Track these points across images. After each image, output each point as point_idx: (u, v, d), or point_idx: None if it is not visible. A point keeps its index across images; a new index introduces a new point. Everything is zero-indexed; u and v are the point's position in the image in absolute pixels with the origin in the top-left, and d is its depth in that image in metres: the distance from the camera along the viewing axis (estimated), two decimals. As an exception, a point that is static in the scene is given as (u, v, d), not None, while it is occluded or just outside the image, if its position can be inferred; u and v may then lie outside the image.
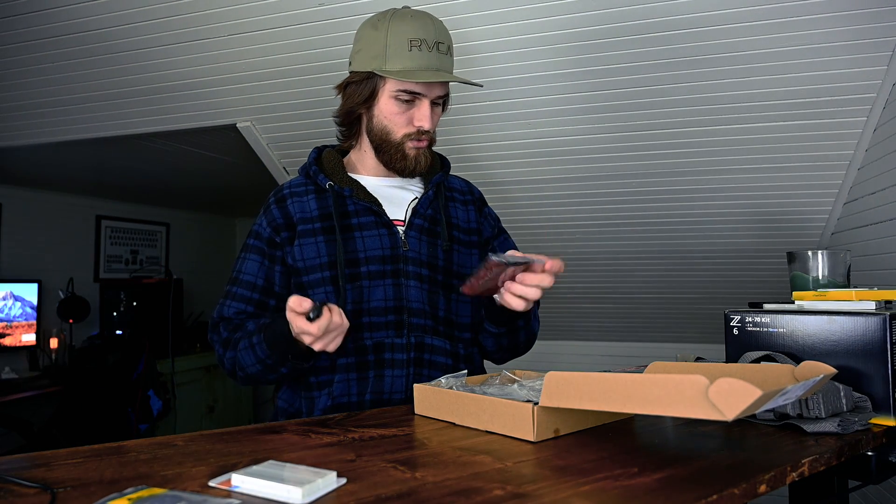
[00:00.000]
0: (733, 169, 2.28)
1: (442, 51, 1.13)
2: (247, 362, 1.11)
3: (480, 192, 1.37)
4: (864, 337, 0.93)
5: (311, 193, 1.20)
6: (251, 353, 1.09)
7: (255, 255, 1.20)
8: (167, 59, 2.21)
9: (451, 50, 1.15)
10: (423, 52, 1.10)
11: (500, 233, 1.35)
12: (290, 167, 2.76)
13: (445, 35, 1.15)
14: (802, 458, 0.74)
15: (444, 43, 1.13)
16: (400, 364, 1.13)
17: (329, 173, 1.21)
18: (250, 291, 1.19)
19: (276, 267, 1.19)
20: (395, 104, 1.14)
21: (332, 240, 1.16)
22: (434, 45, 1.11)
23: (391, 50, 1.11)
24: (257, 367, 1.10)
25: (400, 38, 1.10)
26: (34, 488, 0.63)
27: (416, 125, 1.15)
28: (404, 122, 1.16)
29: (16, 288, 3.55)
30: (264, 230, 1.20)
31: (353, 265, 1.15)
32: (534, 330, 1.26)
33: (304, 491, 0.60)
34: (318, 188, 1.20)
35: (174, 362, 3.83)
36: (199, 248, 5.07)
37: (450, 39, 1.16)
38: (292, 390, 1.20)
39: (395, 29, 1.11)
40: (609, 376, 0.72)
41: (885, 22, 1.68)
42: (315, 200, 1.19)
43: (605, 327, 3.35)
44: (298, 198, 1.20)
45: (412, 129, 1.16)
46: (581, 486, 0.64)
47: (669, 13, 1.78)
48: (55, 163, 3.32)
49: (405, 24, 1.12)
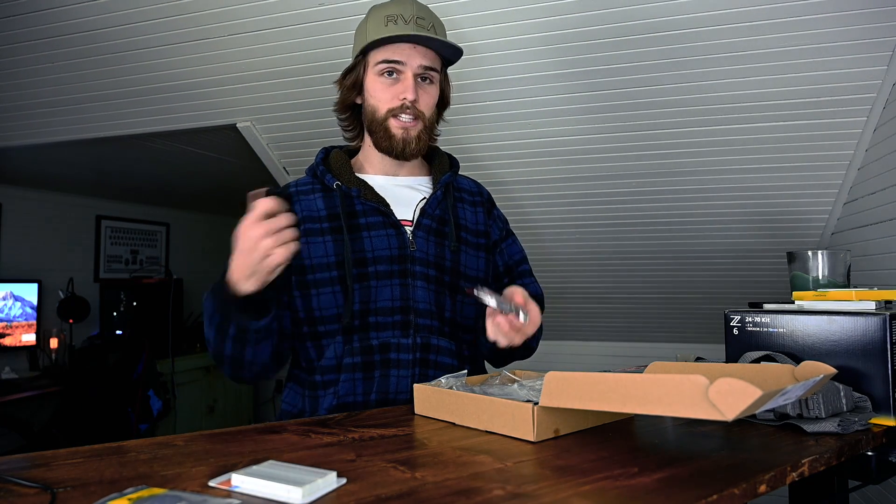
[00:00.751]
0: (733, 169, 2.28)
1: (422, 25, 1.13)
2: (208, 334, 1.06)
3: (490, 194, 1.37)
4: (864, 337, 0.93)
5: (318, 192, 1.20)
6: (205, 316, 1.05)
7: None
8: (167, 59, 2.21)
9: (434, 28, 1.15)
10: (398, 25, 1.12)
11: (508, 235, 1.35)
12: (290, 167, 2.76)
13: (429, 15, 1.15)
14: (802, 458, 0.74)
15: (426, 19, 1.14)
16: (405, 364, 1.13)
17: (336, 173, 1.21)
18: None
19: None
20: (379, 81, 1.16)
21: (340, 239, 1.15)
22: (412, 18, 1.12)
23: (370, 27, 1.14)
24: (211, 332, 1.05)
25: (377, 17, 1.14)
26: (34, 488, 0.63)
27: (399, 99, 1.15)
28: (389, 97, 1.16)
29: (16, 288, 3.55)
30: None
31: (360, 265, 1.14)
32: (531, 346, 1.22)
33: (304, 491, 0.60)
34: (325, 188, 1.20)
35: (174, 362, 3.83)
36: (199, 248, 5.07)
37: (436, 21, 1.16)
38: (295, 391, 1.20)
39: (375, 11, 1.16)
40: (609, 376, 0.72)
41: (885, 22, 1.68)
42: (322, 200, 1.19)
43: (605, 327, 3.35)
44: (305, 196, 1.20)
45: (397, 102, 1.15)
46: (581, 486, 0.64)
47: (669, 13, 1.78)
48: (55, 163, 3.32)
49: (384, 6, 1.16)
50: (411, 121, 1.16)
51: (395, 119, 1.16)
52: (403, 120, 1.16)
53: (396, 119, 1.16)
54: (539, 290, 1.31)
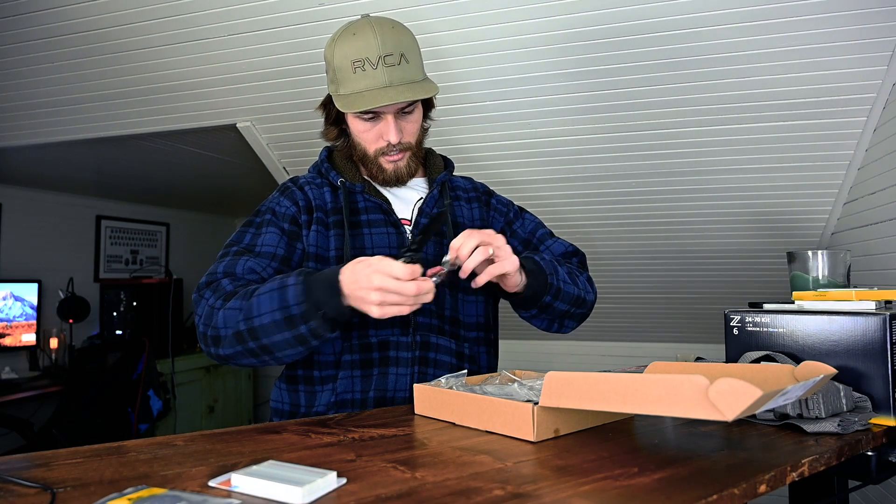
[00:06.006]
0: (733, 169, 2.28)
1: (391, 63, 1.08)
2: (264, 308, 0.98)
3: (485, 185, 1.38)
4: (864, 337, 0.93)
5: (326, 187, 1.22)
6: (277, 296, 0.97)
7: (273, 228, 1.16)
8: (167, 59, 2.21)
9: (405, 56, 1.10)
10: (367, 72, 1.08)
11: (517, 216, 1.35)
12: (290, 167, 2.76)
13: (395, 43, 1.10)
14: (802, 458, 0.74)
15: (394, 52, 1.09)
16: (405, 362, 1.14)
17: (340, 171, 1.23)
18: (269, 259, 1.13)
19: (296, 244, 1.16)
20: (360, 122, 1.15)
21: (342, 234, 1.16)
22: (379, 59, 1.08)
23: (339, 74, 1.11)
24: (275, 314, 0.97)
25: (344, 61, 1.10)
26: (34, 488, 0.63)
27: (384, 140, 1.16)
28: (373, 137, 1.16)
29: (16, 288, 3.55)
30: (287, 208, 1.18)
31: None
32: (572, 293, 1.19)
33: (304, 491, 0.60)
34: (331, 184, 1.22)
35: (174, 362, 3.83)
36: (200, 248, 5.07)
37: (404, 44, 1.11)
38: (285, 389, 1.19)
39: (340, 51, 1.11)
40: (609, 376, 0.72)
41: (885, 22, 1.68)
42: (329, 194, 1.21)
43: (605, 327, 3.35)
44: (316, 188, 1.22)
45: (382, 143, 1.16)
46: (581, 486, 0.64)
47: (669, 13, 1.77)
48: (55, 163, 3.32)
49: (348, 44, 1.10)
50: (399, 154, 1.18)
51: (385, 157, 1.18)
52: (392, 156, 1.18)
53: (385, 157, 1.18)
54: (563, 247, 1.31)
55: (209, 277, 1.10)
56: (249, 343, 1.00)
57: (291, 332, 0.98)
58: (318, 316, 0.96)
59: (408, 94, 1.09)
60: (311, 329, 0.97)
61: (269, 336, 0.98)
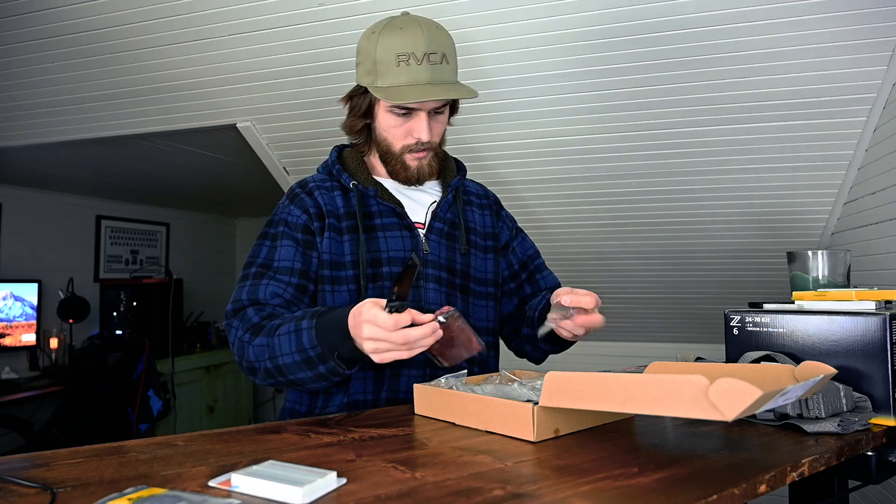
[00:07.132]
0: (733, 169, 2.28)
1: (434, 61, 1.09)
2: (284, 350, 1.01)
3: (496, 196, 1.39)
4: (864, 337, 0.93)
5: (337, 190, 1.21)
6: (294, 338, 1.01)
7: (287, 241, 1.16)
8: (167, 59, 2.21)
9: (446, 57, 1.11)
10: (411, 67, 1.08)
11: (518, 234, 1.38)
12: (290, 167, 2.75)
13: (439, 42, 1.10)
14: (802, 458, 0.74)
15: (438, 52, 1.09)
16: (417, 364, 1.14)
17: (352, 172, 1.22)
18: (288, 276, 1.14)
19: (312, 253, 1.16)
20: (392, 117, 1.14)
21: (356, 239, 1.16)
22: (424, 56, 1.08)
23: (381, 66, 1.10)
24: (295, 356, 1.00)
25: (388, 54, 1.09)
26: (34, 488, 0.63)
27: (414, 137, 1.15)
28: (402, 134, 1.15)
29: (16, 288, 3.55)
30: (297, 217, 1.17)
31: (375, 265, 1.15)
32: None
33: (304, 491, 0.60)
34: (342, 187, 1.21)
35: (174, 362, 3.83)
36: (199, 248, 5.07)
37: (446, 46, 1.11)
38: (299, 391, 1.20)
39: (384, 43, 1.10)
40: (609, 376, 0.72)
41: (885, 22, 1.68)
42: (341, 198, 1.20)
43: (606, 327, 3.34)
44: (326, 192, 1.20)
45: (411, 140, 1.15)
46: (581, 486, 0.64)
47: (669, 13, 1.78)
48: (55, 163, 3.32)
49: (394, 37, 1.09)
50: (424, 152, 1.17)
51: (411, 154, 1.17)
52: (418, 153, 1.17)
53: (412, 154, 1.17)
54: (556, 281, 1.36)
55: (235, 305, 1.12)
56: (279, 378, 1.05)
57: (312, 371, 1.01)
58: (334, 357, 0.99)
59: (451, 93, 1.10)
60: (330, 369, 1.00)
61: (295, 374, 1.03)
